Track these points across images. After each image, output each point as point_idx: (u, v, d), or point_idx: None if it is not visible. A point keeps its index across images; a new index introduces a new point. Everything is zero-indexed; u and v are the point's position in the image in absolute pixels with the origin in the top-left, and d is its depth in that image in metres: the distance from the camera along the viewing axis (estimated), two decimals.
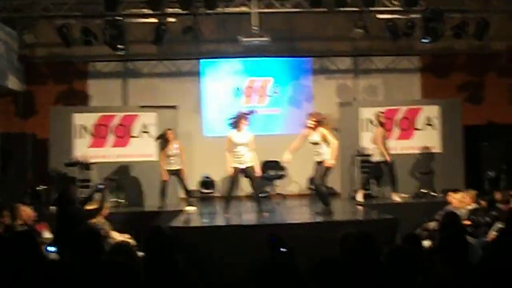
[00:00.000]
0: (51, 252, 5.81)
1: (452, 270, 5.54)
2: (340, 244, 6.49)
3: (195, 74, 19.14)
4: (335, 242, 6.68)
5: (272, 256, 8.07)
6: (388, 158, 14.97)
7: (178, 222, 12.28)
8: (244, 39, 16.30)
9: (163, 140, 15.66)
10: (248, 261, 8.29)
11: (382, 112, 15.57)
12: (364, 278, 5.38)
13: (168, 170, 15.28)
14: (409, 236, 7.27)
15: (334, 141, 12.49)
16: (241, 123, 13.19)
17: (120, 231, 12.01)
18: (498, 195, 12.26)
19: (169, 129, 15.64)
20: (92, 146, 17.18)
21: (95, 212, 10.92)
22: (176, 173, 15.39)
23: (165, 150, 15.45)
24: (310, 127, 12.68)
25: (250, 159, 13.21)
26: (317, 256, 6.84)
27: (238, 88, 19.16)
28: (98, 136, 17.24)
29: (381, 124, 15.29)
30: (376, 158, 15.16)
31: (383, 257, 5.44)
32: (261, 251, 8.35)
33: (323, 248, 7.74)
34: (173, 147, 15.36)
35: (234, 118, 13.31)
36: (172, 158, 15.28)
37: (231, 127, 13.26)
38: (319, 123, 12.63)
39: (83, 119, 17.25)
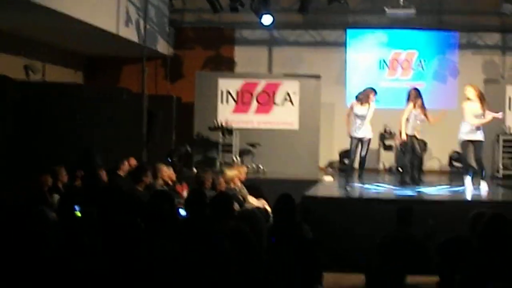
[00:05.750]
0: (182, 215, 6.01)
1: None
2: (470, 224, 6.41)
3: (340, 44, 19.01)
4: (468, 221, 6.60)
5: (401, 230, 8.05)
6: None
7: (313, 191, 12.34)
8: (390, 10, 16.12)
9: None
10: (377, 235, 8.35)
11: None
12: (492, 260, 5.29)
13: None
14: None
15: None
16: (369, 98, 13.22)
17: (258, 196, 12.25)
18: None
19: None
20: (235, 111, 17.50)
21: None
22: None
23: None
24: None
25: (367, 131, 13.27)
26: (449, 234, 6.81)
27: (382, 60, 18.95)
28: (242, 102, 17.55)
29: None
30: None
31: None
32: (391, 225, 8.36)
33: (457, 227, 7.67)
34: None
35: (362, 93, 13.36)
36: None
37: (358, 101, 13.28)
38: None
39: (228, 85, 17.60)
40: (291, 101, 17.45)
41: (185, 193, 11.16)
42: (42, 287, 4.65)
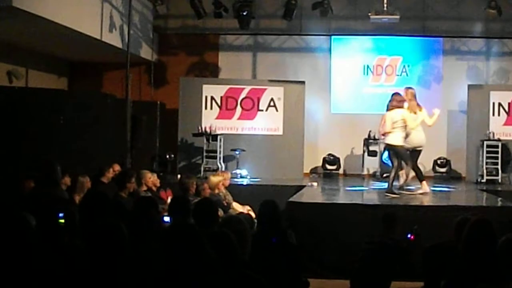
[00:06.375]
0: (166, 222, 5.98)
1: None
2: (455, 229, 6.40)
3: (324, 50, 18.99)
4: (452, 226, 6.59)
5: (385, 236, 8.04)
6: None
7: (298, 197, 12.32)
8: (374, 17, 16.12)
9: None
10: (363, 240, 8.33)
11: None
12: (476, 265, 5.28)
13: None
14: None
15: None
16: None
17: (242, 202, 12.23)
18: None
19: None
20: (219, 117, 17.48)
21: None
22: None
23: None
24: None
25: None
26: (434, 240, 6.80)
27: (367, 66, 18.94)
28: (226, 108, 17.53)
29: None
30: None
31: (498, 246, 5.27)
32: (376, 231, 8.34)
33: (442, 232, 7.68)
34: None
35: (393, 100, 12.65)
36: None
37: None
38: None
39: (212, 91, 17.59)
40: (275, 106, 17.45)
41: (169, 200, 11.08)
42: None
